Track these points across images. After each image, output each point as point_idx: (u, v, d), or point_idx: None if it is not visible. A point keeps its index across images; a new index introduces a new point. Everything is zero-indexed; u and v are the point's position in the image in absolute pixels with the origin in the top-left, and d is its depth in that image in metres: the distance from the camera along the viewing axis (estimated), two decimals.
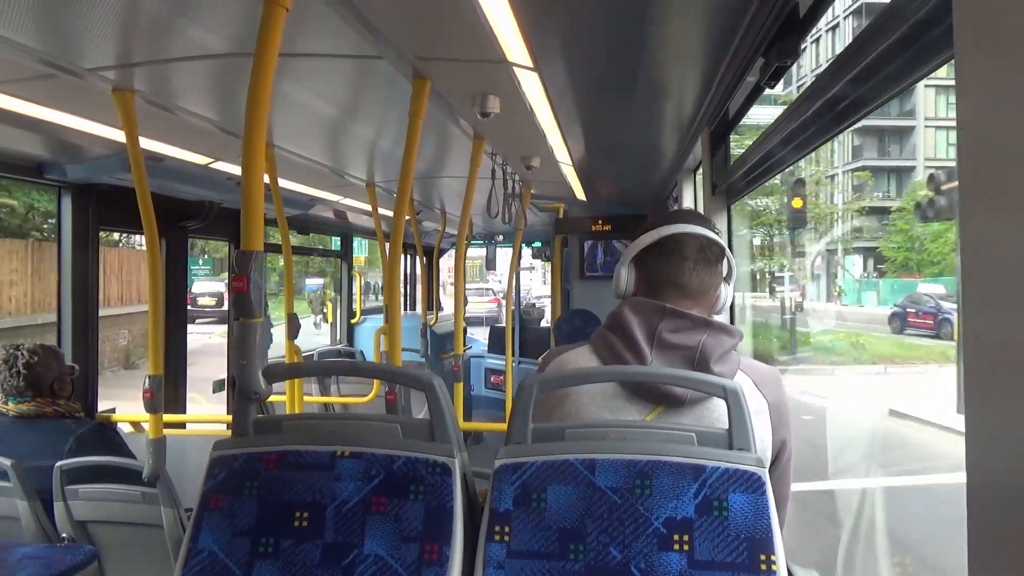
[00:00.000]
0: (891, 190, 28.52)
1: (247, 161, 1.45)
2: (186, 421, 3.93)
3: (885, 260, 23.18)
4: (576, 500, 1.30)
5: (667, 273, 1.43)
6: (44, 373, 2.69)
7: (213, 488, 1.39)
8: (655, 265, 1.44)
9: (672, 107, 2.87)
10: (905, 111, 27.89)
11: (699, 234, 1.44)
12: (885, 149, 29.38)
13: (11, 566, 2.20)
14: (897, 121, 28.23)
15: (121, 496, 2.51)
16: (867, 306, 20.69)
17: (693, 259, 1.43)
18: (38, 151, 3.00)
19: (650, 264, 1.45)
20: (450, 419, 1.42)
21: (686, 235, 1.43)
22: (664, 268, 1.43)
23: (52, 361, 2.74)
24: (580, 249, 6.21)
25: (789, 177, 13.32)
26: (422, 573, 1.30)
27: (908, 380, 11.77)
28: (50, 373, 2.71)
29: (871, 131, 28.09)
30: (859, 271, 24.69)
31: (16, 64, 1.99)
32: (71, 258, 3.30)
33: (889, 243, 23.06)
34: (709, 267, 1.44)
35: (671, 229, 1.44)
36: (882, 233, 24.22)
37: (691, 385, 1.35)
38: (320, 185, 4.38)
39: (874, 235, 24.88)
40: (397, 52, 1.99)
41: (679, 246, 1.43)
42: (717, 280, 1.46)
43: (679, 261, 1.43)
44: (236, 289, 1.43)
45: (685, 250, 1.43)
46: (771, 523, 1.26)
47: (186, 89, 2.45)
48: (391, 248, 2.32)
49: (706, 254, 1.44)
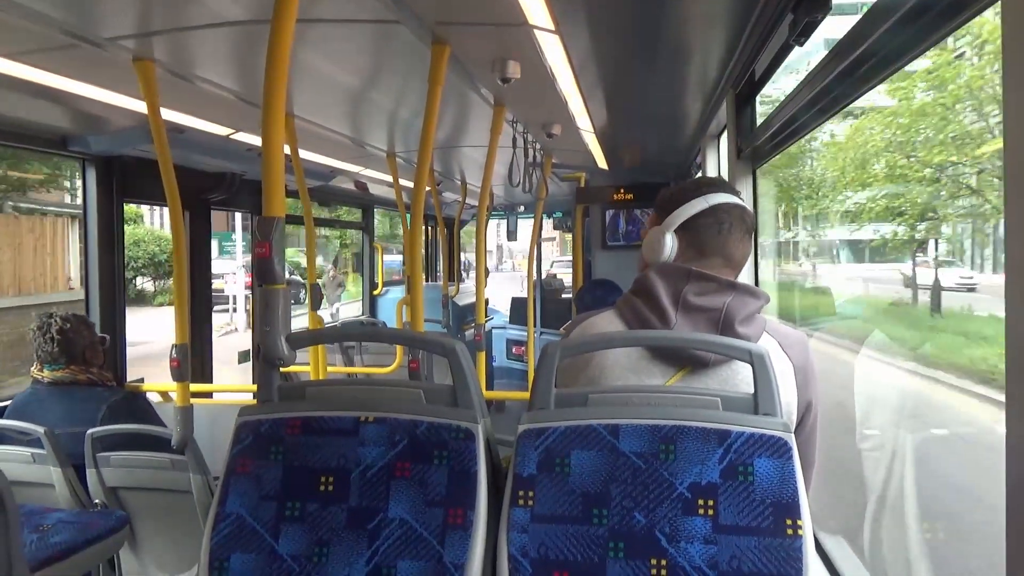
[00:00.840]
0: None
1: (267, 128, 1.44)
2: (212, 391, 4.00)
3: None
4: (600, 465, 1.29)
5: (718, 244, 1.44)
6: (76, 340, 2.76)
7: (240, 453, 1.41)
8: (706, 234, 1.44)
9: (696, 69, 2.80)
10: None
11: (741, 205, 1.47)
12: None
13: (48, 531, 2.26)
14: None
15: (151, 463, 2.56)
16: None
17: (740, 230, 1.45)
18: (62, 123, 3.02)
19: (700, 233, 1.45)
20: (473, 384, 1.42)
21: (732, 205, 1.45)
22: (715, 238, 1.44)
23: (84, 329, 2.81)
24: (602, 218, 6.16)
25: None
26: (447, 537, 1.31)
27: None
28: (82, 340, 2.78)
29: None
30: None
31: (38, 34, 1.99)
32: (96, 231, 3.34)
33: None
34: (748, 238, 1.47)
35: (719, 198, 1.45)
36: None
37: (717, 350, 1.34)
38: (340, 156, 4.38)
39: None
40: (416, 16, 1.96)
41: (728, 216, 1.44)
42: (750, 249, 1.50)
43: (728, 231, 1.44)
44: (259, 255, 1.43)
45: (733, 220, 1.44)
46: (797, 488, 1.25)
47: (205, 58, 2.44)
48: (412, 219, 2.32)
49: (746, 224, 1.46)
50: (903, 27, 1.34)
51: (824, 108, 1.94)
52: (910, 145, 4.20)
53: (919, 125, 3.97)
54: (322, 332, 2.78)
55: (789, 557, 1.21)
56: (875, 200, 4.85)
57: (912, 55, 1.40)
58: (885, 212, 4.75)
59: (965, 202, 4.07)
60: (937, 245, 4.55)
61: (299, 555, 1.33)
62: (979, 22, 1.74)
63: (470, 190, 6.13)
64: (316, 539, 1.34)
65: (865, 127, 4.62)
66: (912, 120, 3.98)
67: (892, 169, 4.41)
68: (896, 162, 4.37)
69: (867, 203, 5.03)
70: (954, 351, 3.59)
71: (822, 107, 1.94)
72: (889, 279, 5.18)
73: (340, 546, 1.33)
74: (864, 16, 1.48)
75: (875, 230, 5.20)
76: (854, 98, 1.77)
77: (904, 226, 4.53)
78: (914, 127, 4.04)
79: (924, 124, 3.94)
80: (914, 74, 3.50)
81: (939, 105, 3.64)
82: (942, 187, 4.09)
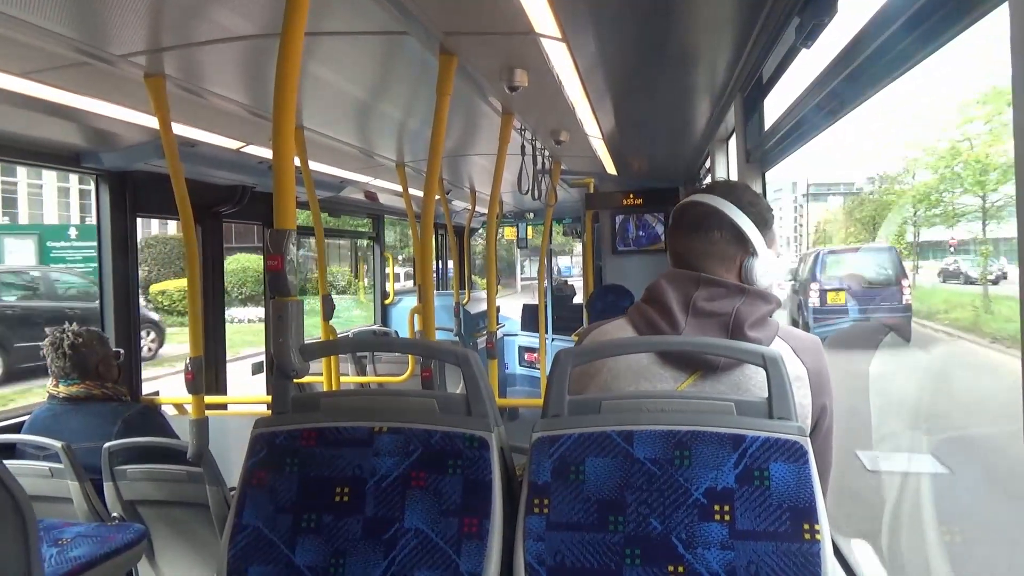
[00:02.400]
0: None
1: (277, 141, 1.46)
2: (227, 402, 4.01)
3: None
4: (614, 471, 1.29)
5: (683, 246, 1.48)
6: (88, 355, 2.76)
7: (255, 465, 1.42)
8: (671, 239, 1.52)
9: (704, 73, 2.80)
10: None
11: (699, 202, 1.48)
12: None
13: (67, 544, 2.27)
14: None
15: (167, 476, 2.57)
16: None
17: (689, 229, 1.48)
18: (75, 140, 3.06)
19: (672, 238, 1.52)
20: (486, 393, 1.42)
21: (689, 203, 1.49)
22: (678, 241, 1.49)
23: (96, 343, 2.81)
24: (611, 224, 6.15)
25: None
26: (462, 546, 1.31)
27: None
28: (94, 355, 2.78)
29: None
30: None
31: (51, 52, 2.02)
32: (111, 245, 3.36)
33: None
34: (702, 234, 1.46)
35: (684, 200, 1.52)
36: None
37: (730, 354, 1.33)
38: (350, 167, 4.40)
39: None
40: (423, 27, 1.98)
41: (680, 215, 1.50)
42: (722, 249, 1.44)
43: (684, 231, 1.48)
44: (271, 268, 1.44)
45: (684, 220, 1.49)
46: (814, 492, 1.24)
47: (216, 73, 2.47)
48: (423, 228, 2.32)
49: (702, 222, 1.46)
50: (911, 28, 1.34)
51: (833, 110, 1.94)
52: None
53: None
54: (335, 343, 2.78)
55: (807, 562, 1.20)
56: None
57: (920, 56, 1.40)
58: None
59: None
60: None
61: (316, 566, 1.33)
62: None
63: (479, 198, 6.15)
64: (333, 550, 1.34)
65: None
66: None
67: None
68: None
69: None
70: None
71: (831, 109, 1.94)
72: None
73: (356, 557, 1.33)
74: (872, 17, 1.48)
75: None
76: (863, 100, 1.76)
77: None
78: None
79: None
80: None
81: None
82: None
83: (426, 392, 1.91)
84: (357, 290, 14.79)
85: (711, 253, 1.45)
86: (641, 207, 5.83)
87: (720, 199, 1.45)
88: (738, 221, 1.43)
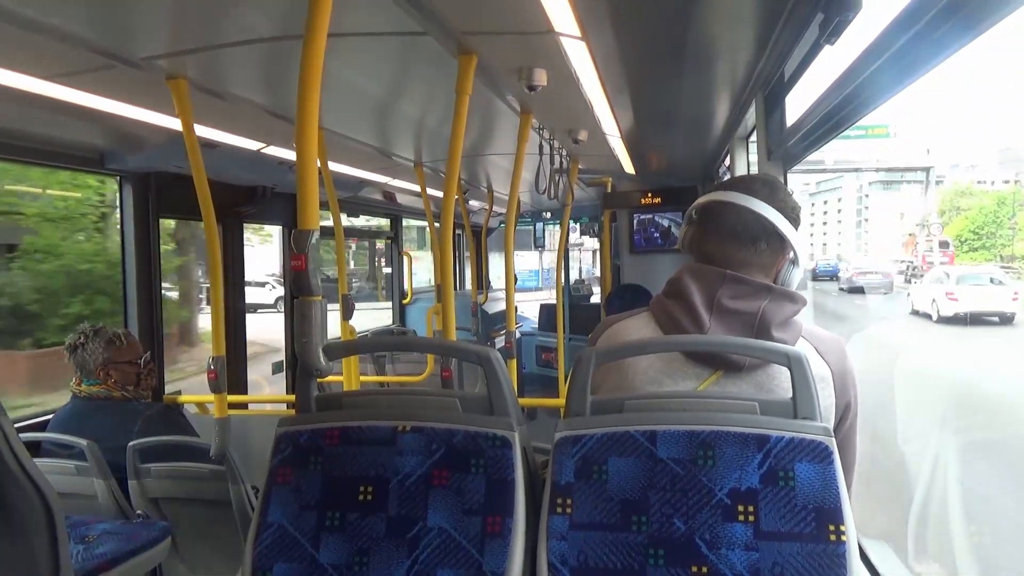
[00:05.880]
0: None
1: (300, 142, 1.46)
2: (248, 401, 4.04)
3: None
4: (638, 471, 1.29)
5: (719, 252, 1.42)
6: (88, 357, 2.74)
7: (280, 463, 1.43)
8: (699, 238, 1.46)
9: (724, 71, 2.78)
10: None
11: (741, 207, 1.40)
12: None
13: (93, 541, 2.30)
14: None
15: (190, 474, 2.60)
16: None
17: (731, 236, 1.42)
18: (100, 141, 3.09)
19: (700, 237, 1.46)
20: (508, 392, 1.42)
21: (726, 205, 1.42)
22: (710, 244, 1.43)
23: (101, 346, 2.75)
24: (629, 223, 6.12)
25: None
26: (485, 545, 1.31)
27: None
28: (93, 358, 2.74)
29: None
30: None
31: (75, 56, 2.05)
32: (134, 246, 3.40)
33: None
34: (748, 246, 1.40)
35: (708, 197, 1.45)
36: None
37: (754, 354, 1.32)
38: (369, 167, 4.42)
39: None
40: (443, 27, 1.98)
41: (715, 216, 1.43)
42: (766, 259, 1.41)
43: (722, 237, 1.42)
44: (294, 268, 1.44)
45: (724, 225, 1.42)
46: (840, 493, 1.23)
47: (237, 74, 2.49)
48: (442, 227, 2.33)
49: (746, 231, 1.39)
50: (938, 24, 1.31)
51: (858, 107, 1.91)
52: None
53: None
54: (358, 343, 2.80)
55: (833, 563, 1.19)
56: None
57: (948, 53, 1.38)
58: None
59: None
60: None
61: (340, 564, 1.34)
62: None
63: (497, 197, 6.14)
64: (356, 548, 1.35)
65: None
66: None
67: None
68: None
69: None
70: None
71: (857, 105, 1.91)
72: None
73: (380, 555, 1.34)
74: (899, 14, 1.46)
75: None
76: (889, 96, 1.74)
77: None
78: None
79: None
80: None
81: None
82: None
83: (448, 391, 1.92)
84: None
85: (753, 263, 1.40)
86: (659, 206, 5.79)
87: (764, 204, 1.39)
88: (784, 231, 1.39)
